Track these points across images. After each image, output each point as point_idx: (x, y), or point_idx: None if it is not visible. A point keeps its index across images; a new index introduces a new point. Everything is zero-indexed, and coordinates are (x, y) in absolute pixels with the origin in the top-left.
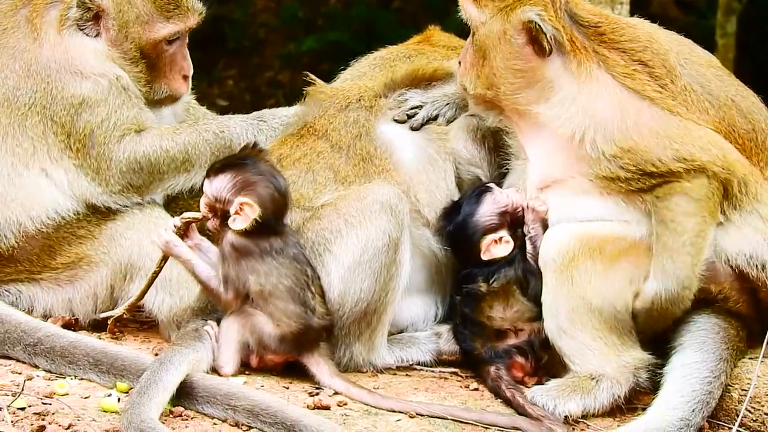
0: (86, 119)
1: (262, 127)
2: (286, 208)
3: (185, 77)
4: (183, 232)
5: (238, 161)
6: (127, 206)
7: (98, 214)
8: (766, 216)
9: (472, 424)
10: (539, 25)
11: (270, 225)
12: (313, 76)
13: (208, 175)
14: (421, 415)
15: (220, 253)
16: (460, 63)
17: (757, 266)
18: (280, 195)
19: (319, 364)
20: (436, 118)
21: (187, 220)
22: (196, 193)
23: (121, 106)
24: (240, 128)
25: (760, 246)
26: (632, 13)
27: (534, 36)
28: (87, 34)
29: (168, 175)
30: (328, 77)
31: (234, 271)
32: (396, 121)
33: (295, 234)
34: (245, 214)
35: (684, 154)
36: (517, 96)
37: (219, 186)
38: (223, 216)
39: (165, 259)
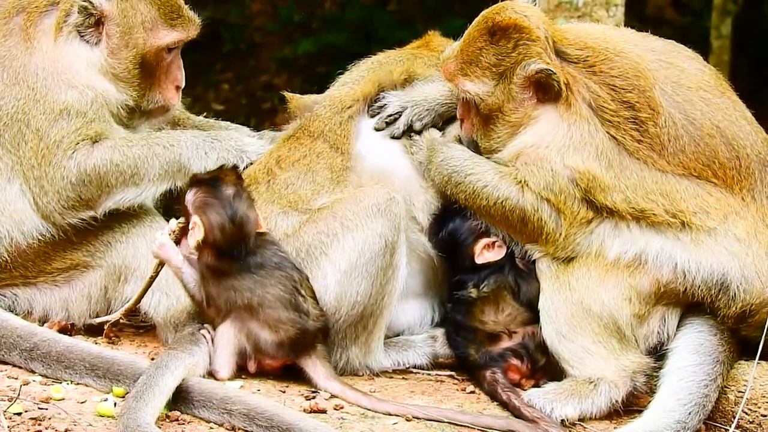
0: (61, 126)
1: (215, 146)
2: (240, 237)
3: (177, 88)
4: (178, 238)
5: (206, 180)
6: (80, 221)
7: (93, 223)
8: (727, 242)
9: (468, 427)
10: (550, 72)
11: (223, 251)
12: (290, 94)
13: (191, 180)
14: (418, 419)
15: (199, 270)
16: (462, 120)
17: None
18: (233, 225)
19: (315, 367)
20: (414, 122)
21: (184, 224)
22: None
23: (94, 120)
24: (191, 143)
25: (717, 268)
26: (627, 15)
27: (541, 84)
28: (87, 41)
29: (116, 189)
30: (325, 80)
31: (215, 289)
32: (376, 129)
33: (275, 241)
34: (194, 233)
35: (630, 199)
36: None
37: (187, 199)
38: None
39: (162, 264)
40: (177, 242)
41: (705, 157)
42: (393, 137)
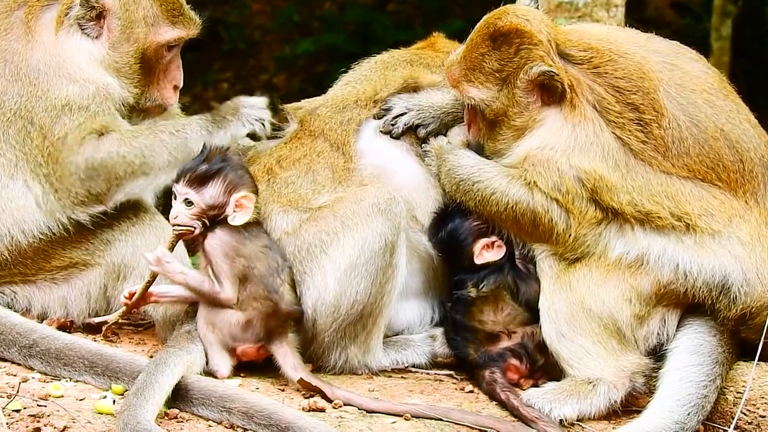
0: (64, 122)
1: (218, 122)
2: None
3: (176, 88)
4: (172, 248)
5: (214, 166)
6: (89, 217)
7: (93, 222)
8: (731, 244)
9: (466, 426)
10: (552, 73)
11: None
12: (291, 105)
13: (192, 186)
14: (417, 417)
15: (209, 252)
16: (469, 126)
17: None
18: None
19: (285, 356)
20: (417, 127)
21: (179, 232)
22: None
23: (98, 113)
24: (195, 125)
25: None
26: (627, 16)
27: (545, 87)
28: (88, 35)
29: (126, 180)
30: (324, 79)
31: (233, 255)
32: (382, 132)
33: (264, 228)
34: (246, 207)
35: (636, 201)
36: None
37: (212, 194)
38: (214, 219)
39: (155, 274)
40: (171, 249)
41: (709, 159)
42: (392, 136)
